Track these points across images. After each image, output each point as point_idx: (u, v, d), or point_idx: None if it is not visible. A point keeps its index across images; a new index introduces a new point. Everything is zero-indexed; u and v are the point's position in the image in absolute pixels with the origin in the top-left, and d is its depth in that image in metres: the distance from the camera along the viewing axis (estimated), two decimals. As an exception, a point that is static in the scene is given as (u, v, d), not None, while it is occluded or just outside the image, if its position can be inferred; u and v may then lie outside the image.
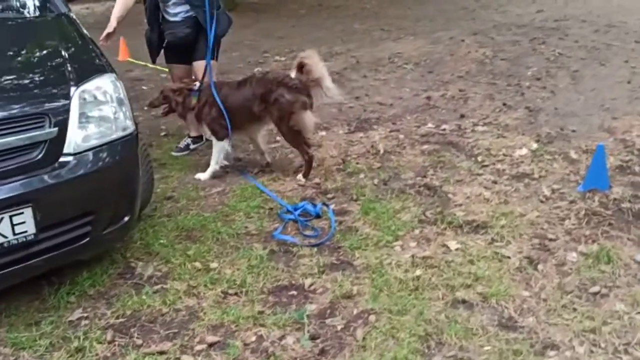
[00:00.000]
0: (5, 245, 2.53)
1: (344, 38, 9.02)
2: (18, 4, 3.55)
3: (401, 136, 4.86)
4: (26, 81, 2.83)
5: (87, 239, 2.82)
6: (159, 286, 3.01)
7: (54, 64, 2.98)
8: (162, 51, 4.87)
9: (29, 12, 3.51)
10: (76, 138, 2.76)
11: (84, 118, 2.81)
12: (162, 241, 3.42)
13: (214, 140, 4.31)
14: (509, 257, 3.08)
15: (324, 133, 5.10)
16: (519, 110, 5.25)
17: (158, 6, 4.68)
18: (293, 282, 3.01)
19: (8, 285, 2.70)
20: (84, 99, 2.84)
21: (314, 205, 3.69)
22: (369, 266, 3.08)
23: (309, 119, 4.15)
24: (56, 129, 2.69)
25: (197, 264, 3.17)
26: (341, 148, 4.69)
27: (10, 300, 2.88)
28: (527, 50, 7.33)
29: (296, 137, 4.19)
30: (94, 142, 2.82)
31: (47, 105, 2.72)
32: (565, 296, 2.76)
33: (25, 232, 2.56)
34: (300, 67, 4.15)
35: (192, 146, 4.93)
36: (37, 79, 2.87)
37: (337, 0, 13.54)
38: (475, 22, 9.52)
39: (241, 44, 9.13)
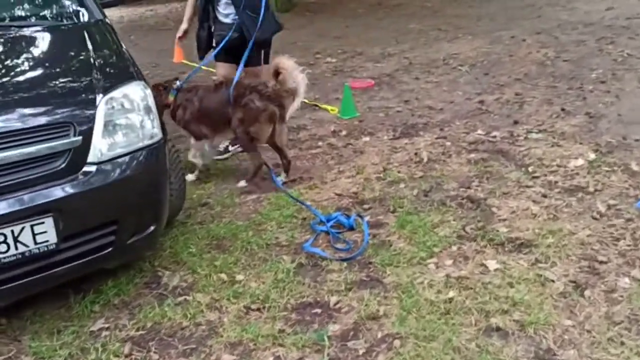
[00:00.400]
0: (27, 254, 2.53)
1: (398, 38, 8.80)
2: (52, 11, 3.58)
3: (448, 143, 4.64)
4: (53, 89, 2.82)
5: (111, 248, 2.79)
6: (182, 297, 2.95)
7: (82, 71, 2.97)
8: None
9: (62, 19, 3.53)
10: (101, 147, 2.73)
11: (110, 126, 2.78)
12: (191, 250, 3.37)
13: (191, 140, 4.32)
14: (552, 281, 2.84)
15: (367, 139, 4.94)
16: (578, 116, 4.92)
17: (209, 4, 4.66)
18: (318, 299, 2.88)
19: (31, 294, 2.71)
20: (111, 107, 2.81)
21: (348, 217, 3.55)
22: (399, 285, 2.91)
23: (275, 130, 4.10)
24: (80, 137, 2.67)
25: (223, 276, 3.10)
26: (383, 155, 4.52)
27: (37, 307, 2.90)
28: (592, 51, 6.92)
29: (250, 144, 4.16)
30: (119, 151, 2.79)
31: (72, 114, 2.70)
32: (612, 328, 2.51)
33: (47, 241, 2.55)
34: (276, 75, 4.03)
35: (230, 148, 4.91)
36: (63, 86, 2.86)
37: (396, -1, 13.30)
38: (539, 21, 9.10)
39: (294, 45, 9.05)
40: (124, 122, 2.85)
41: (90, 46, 3.09)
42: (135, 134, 2.87)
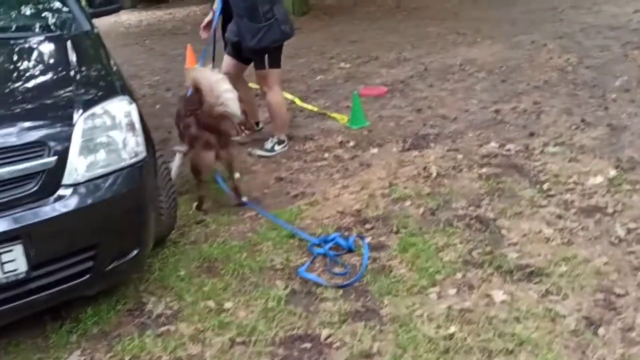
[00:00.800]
0: (-6, 284, 2.38)
1: (415, 42, 8.55)
2: (34, 21, 3.44)
3: (459, 156, 4.40)
4: (27, 105, 2.67)
5: (89, 275, 2.64)
6: (165, 327, 2.78)
7: (61, 86, 2.82)
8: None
9: (45, 30, 3.38)
10: (78, 167, 2.57)
11: (88, 145, 2.62)
12: (180, 273, 3.20)
13: None
14: (564, 316, 2.60)
15: (375, 150, 4.73)
16: (599, 128, 4.64)
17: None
18: (309, 331, 2.68)
19: (1, 324, 2.55)
20: (90, 124, 2.65)
21: (347, 238, 3.34)
22: (397, 317, 2.70)
23: (208, 159, 3.74)
24: (55, 158, 2.51)
25: (211, 303, 2.92)
26: (390, 169, 4.30)
27: (13, 335, 2.75)
28: (617, 57, 6.59)
29: (193, 169, 3.89)
30: (99, 171, 2.63)
31: (47, 133, 2.55)
32: (629, 373, 2.27)
33: (16, 270, 2.40)
34: (198, 92, 3.66)
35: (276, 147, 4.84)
36: (39, 102, 2.70)
37: (416, 2, 13.02)
38: (562, 24, 8.76)
39: (309, 49, 8.88)
40: (105, 140, 2.69)
41: (72, 59, 2.94)
42: (117, 153, 2.71)
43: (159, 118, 6.23)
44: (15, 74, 2.90)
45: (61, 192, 2.52)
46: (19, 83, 2.84)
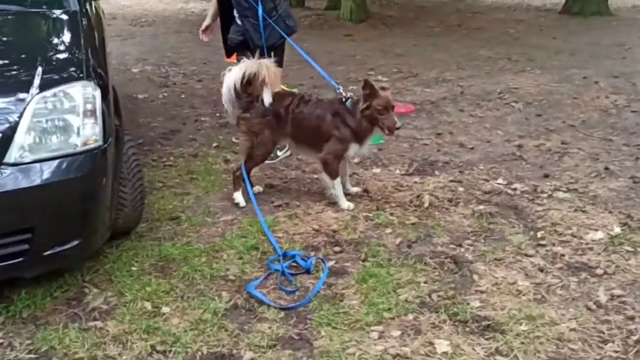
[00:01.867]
0: None
1: (461, 63, 8.26)
2: None
3: (460, 189, 4.15)
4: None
5: (23, 257, 2.60)
6: (93, 323, 2.71)
7: (26, 64, 2.79)
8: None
9: (28, 7, 3.37)
10: (23, 147, 2.54)
11: (38, 127, 2.59)
12: (133, 268, 3.13)
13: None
14: (504, 382, 2.35)
15: (377, 170, 4.54)
16: (621, 179, 4.28)
17: (230, 6, 4.60)
18: (234, 351, 2.54)
19: None
20: (43, 105, 2.61)
21: (306, 259, 3.18)
22: (327, 352, 2.52)
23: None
24: (-1, 135, 2.48)
25: (148, 305, 2.83)
26: (384, 192, 4.10)
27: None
28: (669, 105, 6.12)
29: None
30: (44, 155, 2.59)
31: (-5, 110, 2.52)
32: None
33: (-57, 243, 2.38)
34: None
35: (279, 153, 4.75)
36: (-1, 79, 2.68)
37: (480, 22, 12.68)
38: (622, 63, 8.28)
39: (352, 58, 8.73)
40: (57, 123, 2.64)
41: (47, 38, 2.91)
42: (68, 138, 2.65)
43: (180, 108, 6.25)
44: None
45: (0, 171, 2.48)
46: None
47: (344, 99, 3.82)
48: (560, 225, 3.61)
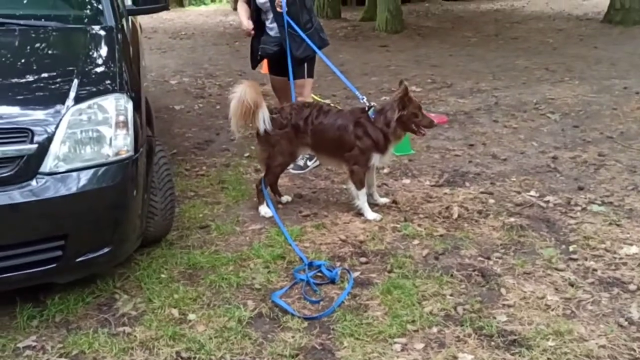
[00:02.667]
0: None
1: (497, 74, 8.17)
2: (59, 12, 3.56)
3: (491, 201, 4.10)
4: (25, 93, 2.78)
5: (57, 263, 2.69)
6: (122, 328, 2.78)
7: (63, 77, 2.90)
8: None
9: (67, 23, 3.49)
10: (58, 158, 2.63)
11: (73, 138, 2.68)
12: (163, 275, 3.20)
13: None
14: (528, 398, 2.31)
15: (407, 181, 4.52)
16: (659, 193, 4.17)
17: (260, 16, 4.68)
18: (256, 360, 2.57)
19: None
20: (78, 117, 2.71)
21: (332, 269, 3.19)
22: (349, 363, 2.52)
23: None
24: (36, 145, 2.58)
25: (175, 312, 2.89)
26: (413, 203, 4.08)
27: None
28: None
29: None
30: (78, 164, 2.68)
31: (34, 120, 2.64)
32: None
33: (-20, 248, 2.48)
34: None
35: (309, 163, 4.81)
36: (37, 92, 2.82)
37: (518, 31, 12.51)
38: (665, 73, 8.04)
39: (387, 68, 8.74)
40: (91, 134, 2.74)
41: (83, 52, 3.02)
42: (101, 148, 2.75)
43: (214, 119, 6.36)
44: (24, 63, 3.03)
45: (36, 180, 2.58)
46: (25, 71, 2.96)
47: (367, 108, 3.84)
48: (594, 239, 3.53)
